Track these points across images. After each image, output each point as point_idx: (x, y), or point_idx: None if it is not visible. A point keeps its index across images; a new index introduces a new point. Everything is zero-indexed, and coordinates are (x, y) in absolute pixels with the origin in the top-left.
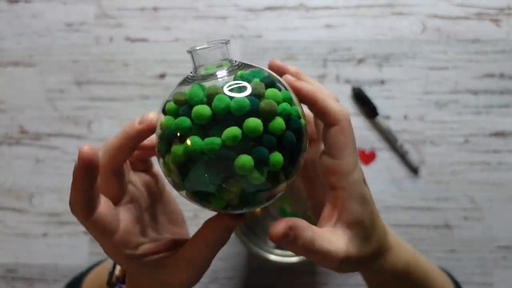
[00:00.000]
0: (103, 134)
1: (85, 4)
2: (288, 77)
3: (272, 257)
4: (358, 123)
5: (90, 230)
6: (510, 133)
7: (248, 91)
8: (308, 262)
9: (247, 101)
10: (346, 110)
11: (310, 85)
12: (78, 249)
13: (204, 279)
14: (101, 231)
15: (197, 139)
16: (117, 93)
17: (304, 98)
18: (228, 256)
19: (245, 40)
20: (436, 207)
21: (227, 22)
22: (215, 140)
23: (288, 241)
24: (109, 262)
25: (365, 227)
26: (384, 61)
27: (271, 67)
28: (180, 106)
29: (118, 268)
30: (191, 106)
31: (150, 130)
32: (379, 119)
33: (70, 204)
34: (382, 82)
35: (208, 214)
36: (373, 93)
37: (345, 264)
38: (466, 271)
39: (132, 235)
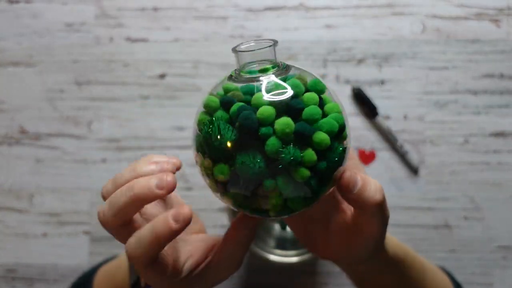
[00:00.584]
0: (103, 134)
1: (85, 5)
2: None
3: (272, 257)
4: (358, 123)
5: (147, 275)
6: (510, 133)
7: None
8: (308, 262)
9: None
10: (378, 199)
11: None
12: (78, 249)
13: None
14: (159, 274)
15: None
16: (117, 93)
17: (343, 186)
18: None
19: (245, 40)
20: (436, 207)
21: (227, 22)
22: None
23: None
24: (123, 260)
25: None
26: (384, 61)
27: None
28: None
29: None
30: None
31: (186, 226)
32: (379, 119)
33: (132, 253)
34: (382, 82)
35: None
36: (373, 93)
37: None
38: (466, 271)
39: (176, 263)
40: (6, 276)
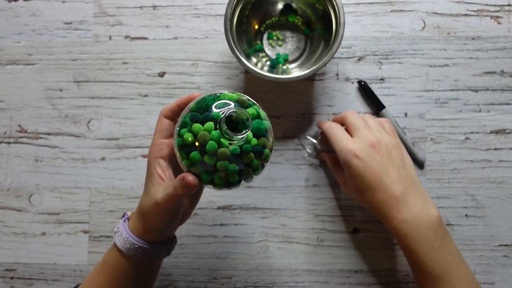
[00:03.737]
0: (102, 133)
1: (84, 3)
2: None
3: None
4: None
5: (158, 124)
6: (511, 131)
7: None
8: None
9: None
10: (350, 150)
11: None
12: (77, 248)
13: (203, 278)
14: (160, 129)
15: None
16: (116, 91)
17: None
18: (227, 255)
19: None
20: (437, 205)
21: None
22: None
23: None
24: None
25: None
26: (384, 58)
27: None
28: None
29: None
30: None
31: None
32: (386, 111)
33: (164, 108)
34: (382, 79)
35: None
36: (373, 91)
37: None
38: None
39: (167, 152)
40: (5, 275)
